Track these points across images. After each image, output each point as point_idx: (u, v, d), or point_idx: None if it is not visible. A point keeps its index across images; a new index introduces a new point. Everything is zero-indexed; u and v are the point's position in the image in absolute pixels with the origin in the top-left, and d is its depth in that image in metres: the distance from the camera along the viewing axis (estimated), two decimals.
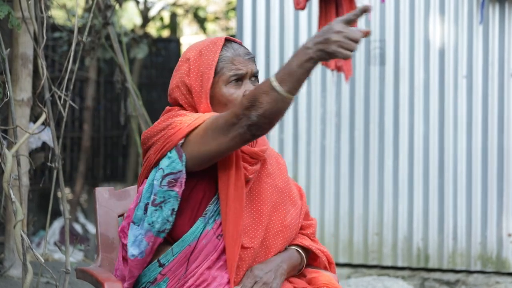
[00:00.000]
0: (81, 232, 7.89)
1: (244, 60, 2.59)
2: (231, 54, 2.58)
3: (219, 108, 2.57)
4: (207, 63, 2.57)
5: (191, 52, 2.61)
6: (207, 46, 2.60)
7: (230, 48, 2.60)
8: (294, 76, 2.33)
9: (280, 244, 2.64)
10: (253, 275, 2.55)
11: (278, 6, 6.14)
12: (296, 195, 2.75)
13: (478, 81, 5.79)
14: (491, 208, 5.75)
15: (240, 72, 2.57)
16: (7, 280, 4.48)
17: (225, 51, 2.59)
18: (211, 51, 2.58)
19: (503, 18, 5.74)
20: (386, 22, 5.95)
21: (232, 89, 2.57)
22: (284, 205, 2.66)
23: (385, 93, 5.95)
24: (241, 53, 2.60)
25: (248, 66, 2.59)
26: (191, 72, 2.58)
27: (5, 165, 3.37)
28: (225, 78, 2.56)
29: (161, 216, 2.50)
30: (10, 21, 3.58)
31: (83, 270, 2.83)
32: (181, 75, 2.60)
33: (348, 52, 2.26)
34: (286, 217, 2.66)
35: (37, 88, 4.17)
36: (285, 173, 2.73)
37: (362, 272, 5.98)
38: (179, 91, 2.60)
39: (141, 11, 10.07)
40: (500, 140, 5.75)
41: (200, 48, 2.60)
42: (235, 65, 2.57)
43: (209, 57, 2.57)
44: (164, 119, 2.57)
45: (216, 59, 2.56)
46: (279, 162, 2.75)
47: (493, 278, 5.73)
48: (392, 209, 5.92)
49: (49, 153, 3.85)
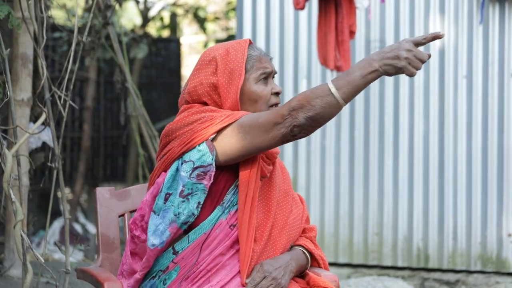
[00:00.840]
0: (81, 232, 7.89)
1: (268, 60, 2.73)
2: (258, 53, 2.71)
3: (249, 104, 2.68)
4: (236, 60, 2.67)
5: (216, 51, 2.70)
6: (234, 45, 2.70)
7: (255, 49, 2.72)
8: (354, 85, 2.45)
9: (284, 240, 2.70)
10: (263, 269, 2.61)
11: (278, 6, 6.15)
12: (297, 199, 2.85)
13: (478, 81, 5.79)
14: (491, 208, 5.75)
15: (267, 70, 2.70)
16: (7, 280, 4.48)
17: (252, 51, 2.70)
18: (239, 50, 2.68)
19: (503, 18, 5.74)
20: (386, 22, 5.96)
21: (262, 86, 2.69)
22: (288, 205, 2.74)
23: (385, 93, 5.95)
24: (264, 53, 2.73)
25: (271, 65, 2.73)
26: (219, 70, 2.66)
27: (5, 165, 3.37)
28: (255, 76, 2.68)
29: (188, 208, 2.57)
30: (10, 21, 3.59)
31: (83, 270, 2.84)
32: (205, 73, 2.68)
33: (415, 70, 2.42)
34: (289, 215, 2.73)
35: (37, 88, 4.17)
36: (288, 179, 2.82)
37: (362, 272, 5.98)
38: (203, 89, 2.67)
39: (141, 11, 10.07)
40: (500, 140, 5.75)
41: (226, 47, 2.70)
42: (263, 64, 2.70)
43: (237, 55, 2.67)
44: (191, 113, 2.63)
45: (245, 57, 2.67)
46: (282, 166, 2.85)
47: (493, 278, 5.73)
48: (392, 209, 5.92)
49: (49, 153, 3.85)
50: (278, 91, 2.73)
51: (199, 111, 2.63)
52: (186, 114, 2.64)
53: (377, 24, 5.97)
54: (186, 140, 2.59)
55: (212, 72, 2.67)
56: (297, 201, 2.82)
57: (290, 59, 6.12)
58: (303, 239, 2.80)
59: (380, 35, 5.96)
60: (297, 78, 6.12)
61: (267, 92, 2.70)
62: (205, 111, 2.62)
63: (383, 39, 5.96)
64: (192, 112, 2.64)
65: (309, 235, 2.83)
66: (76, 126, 8.96)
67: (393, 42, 5.93)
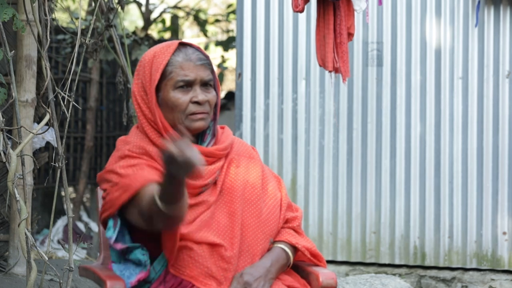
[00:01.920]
0: (84, 230, 7.90)
1: (194, 66, 2.59)
2: (181, 59, 2.58)
3: (166, 111, 2.59)
4: (157, 65, 2.58)
5: (147, 54, 2.64)
6: (161, 49, 2.61)
7: (182, 53, 2.60)
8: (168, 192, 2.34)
9: (262, 240, 2.64)
10: (243, 281, 2.55)
11: (277, 8, 6.15)
12: (273, 188, 2.74)
13: (473, 82, 5.82)
14: (486, 207, 5.77)
15: (187, 78, 2.58)
16: (12, 277, 4.49)
17: (176, 56, 2.59)
18: (163, 54, 2.59)
19: (498, 21, 5.77)
20: (383, 24, 5.97)
21: (179, 94, 2.58)
22: (258, 200, 2.66)
23: (382, 94, 5.97)
24: (192, 58, 2.59)
25: (198, 72, 2.59)
26: (146, 74, 2.60)
27: (10, 165, 3.38)
28: (172, 83, 2.58)
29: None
30: (14, 24, 3.59)
31: (86, 268, 2.85)
32: (139, 76, 2.63)
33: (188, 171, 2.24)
34: (262, 212, 2.66)
35: (41, 89, 4.19)
36: (257, 167, 2.74)
37: (360, 269, 5.99)
38: (139, 93, 2.62)
39: (143, 14, 10.08)
40: (495, 140, 5.78)
41: (155, 50, 2.62)
42: (184, 71, 2.57)
43: (159, 60, 2.58)
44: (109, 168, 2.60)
45: (165, 62, 2.57)
46: (252, 156, 2.76)
47: (488, 275, 5.76)
48: (389, 208, 5.94)
49: (53, 153, 3.85)
50: (199, 100, 2.58)
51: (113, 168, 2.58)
52: (110, 161, 2.63)
53: (374, 26, 5.99)
54: (103, 206, 2.58)
55: (142, 75, 2.62)
56: (271, 192, 2.71)
57: (289, 61, 6.13)
58: (285, 232, 2.71)
59: (377, 37, 5.99)
60: (296, 80, 6.13)
61: (184, 101, 2.57)
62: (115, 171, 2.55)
63: (380, 40, 5.98)
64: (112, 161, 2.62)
65: (291, 225, 2.74)
66: (79, 126, 8.99)
67: (390, 43, 5.96)
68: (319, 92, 6.06)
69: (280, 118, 6.12)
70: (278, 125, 6.12)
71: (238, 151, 2.74)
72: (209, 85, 2.64)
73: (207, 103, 2.62)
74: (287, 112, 6.12)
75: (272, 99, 6.14)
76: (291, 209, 2.79)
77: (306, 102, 6.09)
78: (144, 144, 2.62)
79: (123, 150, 2.62)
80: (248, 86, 6.16)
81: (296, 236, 2.74)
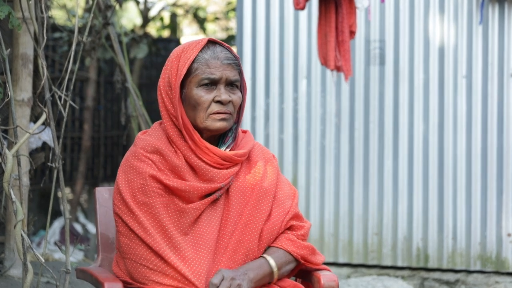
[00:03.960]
0: (81, 232, 7.89)
1: (221, 65, 2.56)
2: (209, 56, 2.56)
3: (189, 109, 2.58)
4: (184, 60, 2.56)
5: (176, 49, 2.62)
6: (190, 45, 2.59)
7: (210, 50, 2.57)
8: None
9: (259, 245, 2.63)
10: (220, 272, 2.51)
11: (278, 6, 6.15)
12: (284, 196, 2.72)
13: (477, 81, 5.79)
14: (490, 208, 5.75)
15: (212, 76, 2.55)
16: (8, 279, 4.48)
17: (203, 53, 2.56)
18: (191, 50, 2.56)
19: (503, 18, 5.74)
20: (386, 22, 5.96)
21: (202, 92, 2.56)
22: (269, 207, 2.65)
23: (385, 93, 5.95)
24: (220, 56, 2.56)
25: (224, 71, 2.56)
26: (173, 68, 2.59)
27: (6, 165, 3.37)
28: (197, 80, 2.56)
29: None
30: (10, 21, 3.58)
31: (83, 270, 2.83)
32: (166, 71, 2.62)
33: None
34: (270, 218, 2.65)
35: (37, 88, 4.17)
36: (273, 175, 2.72)
37: (362, 272, 5.98)
38: (164, 88, 2.62)
39: (141, 11, 10.07)
40: (499, 140, 5.75)
41: (184, 46, 2.61)
42: (210, 68, 2.55)
43: (187, 54, 2.56)
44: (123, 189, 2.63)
45: (192, 58, 2.55)
46: (271, 163, 2.75)
47: (492, 278, 5.74)
48: (391, 209, 5.92)
49: (50, 153, 3.85)
50: (221, 100, 2.56)
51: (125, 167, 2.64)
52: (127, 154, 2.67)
53: (377, 24, 5.97)
54: None
55: (169, 69, 2.60)
56: (281, 200, 2.70)
57: (290, 59, 6.12)
58: (282, 239, 2.68)
59: (380, 35, 5.97)
60: (297, 78, 6.11)
61: (206, 99, 2.55)
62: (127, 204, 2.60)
63: (382, 39, 5.96)
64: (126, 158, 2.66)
65: (296, 233, 2.70)
66: (77, 126, 8.97)
67: (392, 42, 5.93)
68: (320, 91, 6.05)
69: (281, 117, 6.11)
70: (278, 124, 6.11)
71: (255, 158, 2.73)
72: (235, 86, 2.61)
73: (230, 103, 2.60)
74: (288, 111, 6.11)
75: (273, 98, 6.13)
76: (300, 219, 2.76)
77: (307, 101, 6.07)
78: (159, 143, 2.62)
79: (137, 148, 2.64)
80: (248, 85, 6.15)
81: (296, 242, 2.69)
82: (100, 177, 9.29)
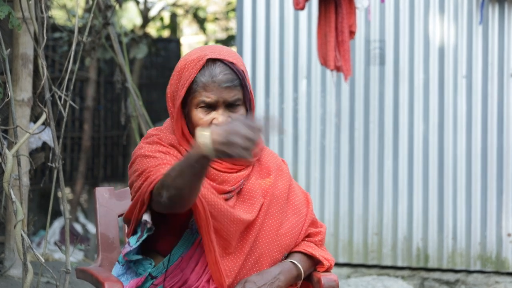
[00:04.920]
0: (81, 232, 7.89)
1: (218, 88, 2.51)
2: (205, 80, 2.51)
3: (191, 126, 2.56)
4: (183, 80, 2.54)
5: (180, 62, 2.60)
6: (190, 62, 2.54)
7: (207, 72, 2.52)
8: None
9: (275, 252, 2.61)
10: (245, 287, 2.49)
11: (278, 6, 6.14)
12: (300, 203, 2.71)
13: (477, 81, 5.79)
14: (490, 208, 5.75)
15: (208, 100, 2.51)
16: (8, 279, 4.48)
17: (201, 75, 2.52)
18: (190, 70, 2.53)
19: (503, 18, 5.74)
20: (386, 22, 5.95)
21: (200, 114, 2.53)
22: (280, 213, 2.64)
23: (385, 93, 5.95)
24: (217, 80, 2.51)
25: (222, 94, 2.51)
26: (175, 84, 2.58)
27: (6, 165, 3.37)
28: (195, 102, 2.53)
29: None
30: (10, 21, 3.58)
31: (83, 270, 2.82)
32: (171, 81, 2.61)
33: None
34: (283, 225, 2.63)
35: (37, 88, 4.17)
36: (285, 180, 2.71)
37: (362, 272, 5.98)
38: (171, 97, 2.60)
39: (141, 11, 10.07)
40: (499, 140, 5.75)
41: (185, 62, 2.56)
42: (206, 92, 2.50)
43: (186, 75, 2.54)
44: (138, 153, 2.58)
45: (191, 80, 2.52)
46: (280, 169, 2.74)
47: (492, 278, 5.73)
48: (391, 209, 5.92)
49: (50, 153, 3.85)
50: (219, 123, 2.49)
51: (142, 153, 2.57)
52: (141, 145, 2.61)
53: (376, 24, 5.97)
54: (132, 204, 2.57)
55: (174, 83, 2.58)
56: (296, 207, 2.69)
57: (290, 59, 6.12)
58: (304, 244, 2.68)
59: (379, 35, 5.96)
60: (297, 78, 6.11)
61: (204, 122, 2.52)
62: (142, 155, 2.56)
63: (382, 39, 5.95)
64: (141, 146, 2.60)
65: (313, 240, 2.71)
66: (77, 126, 8.97)
67: (392, 41, 5.93)
68: (320, 91, 6.05)
69: (281, 117, 6.10)
70: None
71: (266, 162, 2.72)
72: (235, 105, 2.56)
73: None
74: (288, 111, 6.11)
75: (273, 98, 6.13)
76: (316, 225, 2.76)
77: (307, 101, 6.07)
78: (174, 140, 2.61)
79: (152, 137, 2.62)
80: None
81: (315, 248, 2.71)
82: (100, 177, 9.30)
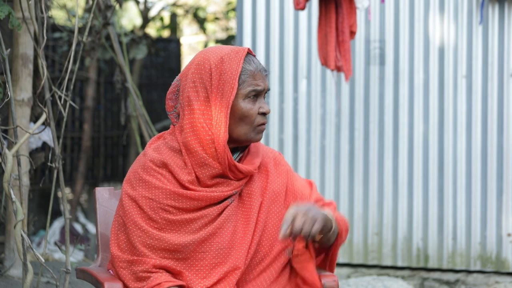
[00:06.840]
0: (81, 232, 7.88)
1: (262, 76, 2.55)
2: (253, 68, 2.53)
3: (234, 121, 2.52)
4: (230, 72, 2.50)
5: (211, 58, 2.53)
6: (229, 54, 2.53)
7: (251, 62, 2.54)
8: None
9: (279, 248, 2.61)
10: (291, 212, 2.47)
11: (278, 6, 6.14)
12: (301, 186, 2.71)
13: (477, 81, 5.79)
14: (490, 208, 5.75)
15: (258, 88, 2.53)
16: (8, 279, 4.48)
17: (247, 64, 2.53)
18: (234, 60, 2.52)
19: (503, 18, 5.74)
20: (386, 22, 5.95)
21: (249, 104, 2.53)
22: (282, 208, 2.63)
23: (385, 93, 5.95)
24: (261, 68, 2.55)
25: (265, 82, 2.56)
26: (213, 77, 2.51)
27: (6, 165, 3.37)
28: (245, 92, 2.52)
29: None
30: (10, 21, 3.58)
31: (83, 270, 2.83)
32: (200, 75, 2.53)
33: None
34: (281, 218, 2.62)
35: (37, 88, 4.17)
36: (283, 174, 2.69)
37: (362, 272, 5.98)
38: (195, 91, 2.53)
39: (141, 12, 10.07)
40: (499, 140, 5.75)
41: (221, 54, 2.53)
42: (256, 80, 2.53)
43: (232, 65, 2.51)
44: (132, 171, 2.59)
45: (240, 69, 2.51)
46: (278, 162, 2.72)
47: (492, 278, 5.73)
48: (391, 209, 5.92)
49: (49, 153, 3.86)
50: (265, 111, 2.55)
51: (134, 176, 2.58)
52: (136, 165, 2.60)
53: (377, 24, 5.97)
54: None
55: (208, 76, 2.51)
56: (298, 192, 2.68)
57: (290, 59, 6.12)
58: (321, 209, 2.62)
59: (380, 35, 5.96)
60: (297, 78, 6.11)
61: (254, 112, 2.53)
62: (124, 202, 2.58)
63: (382, 39, 5.95)
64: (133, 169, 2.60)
65: (329, 207, 2.70)
66: (76, 126, 8.96)
67: (392, 41, 5.93)
68: (320, 91, 6.05)
69: (281, 117, 6.11)
70: (278, 124, 6.11)
71: (264, 160, 2.69)
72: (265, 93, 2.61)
73: None
74: (288, 111, 6.11)
75: (273, 98, 6.13)
76: (322, 201, 2.74)
77: (307, 101, 6.07)
78: (165, 157, 2.56)
79: (145, 159, 2.59)
80: None
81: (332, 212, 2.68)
82: (100, 177, 9.29)
